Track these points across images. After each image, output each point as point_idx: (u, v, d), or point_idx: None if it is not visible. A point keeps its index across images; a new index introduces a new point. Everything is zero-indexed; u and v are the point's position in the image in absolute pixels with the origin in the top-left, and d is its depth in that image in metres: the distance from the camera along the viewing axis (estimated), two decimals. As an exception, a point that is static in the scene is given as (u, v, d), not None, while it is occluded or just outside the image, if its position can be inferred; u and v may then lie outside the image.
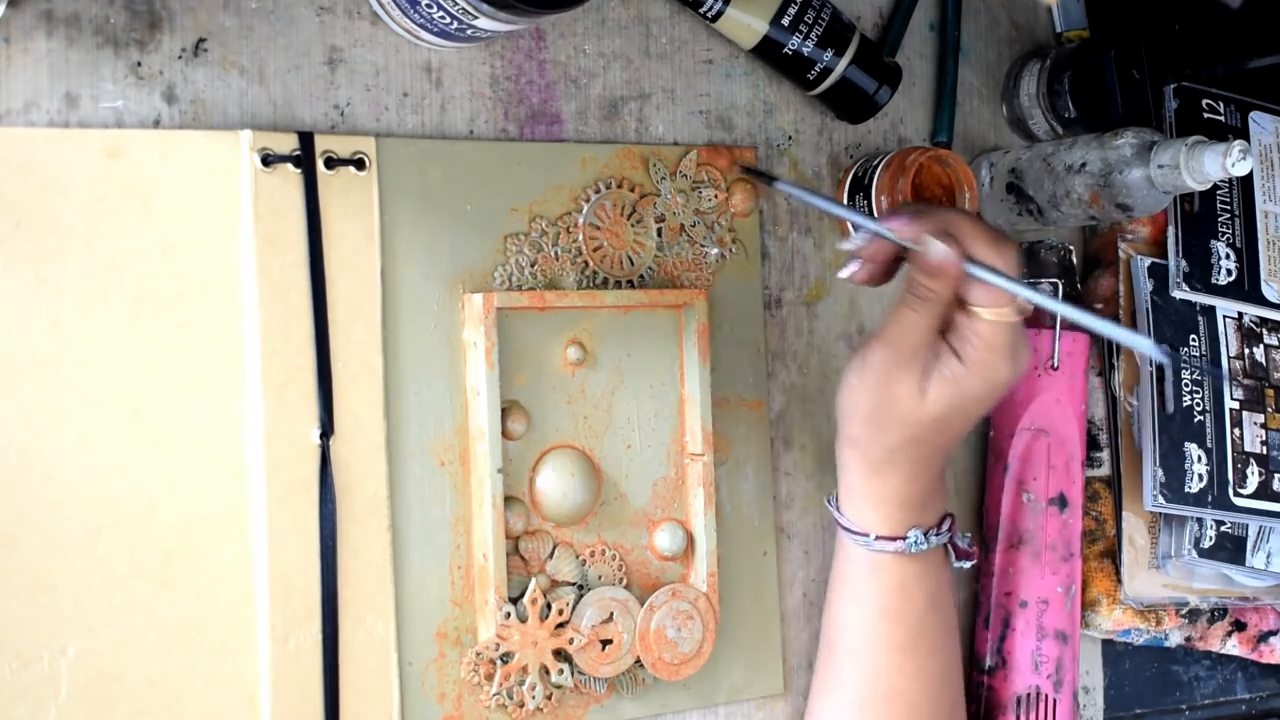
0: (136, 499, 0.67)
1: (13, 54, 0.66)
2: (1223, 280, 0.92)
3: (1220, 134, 0.93)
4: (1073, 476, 0.88)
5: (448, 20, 0.68)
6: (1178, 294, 0.91)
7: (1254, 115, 0.96)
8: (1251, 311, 0.93)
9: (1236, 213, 0.94)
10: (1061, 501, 0.87)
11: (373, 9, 0.73)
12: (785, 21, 0.80)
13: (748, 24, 0.81)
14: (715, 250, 0.82)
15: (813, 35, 0.81)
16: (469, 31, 0.69)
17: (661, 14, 0.82)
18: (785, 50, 0.81)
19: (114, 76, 0.68)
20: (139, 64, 0.69)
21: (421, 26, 0.71)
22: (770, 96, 0.85)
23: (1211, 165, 0.76)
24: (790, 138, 0.86)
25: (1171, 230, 0.92)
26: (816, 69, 0.82)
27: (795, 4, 0.80)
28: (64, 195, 0.66)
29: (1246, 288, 0.93)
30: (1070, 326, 0.88)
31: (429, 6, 0.68)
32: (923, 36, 0.90)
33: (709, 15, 0.81)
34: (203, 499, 0.68)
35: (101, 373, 0.67)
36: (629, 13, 0.81)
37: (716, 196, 0.82)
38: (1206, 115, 0.94)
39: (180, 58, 0.70)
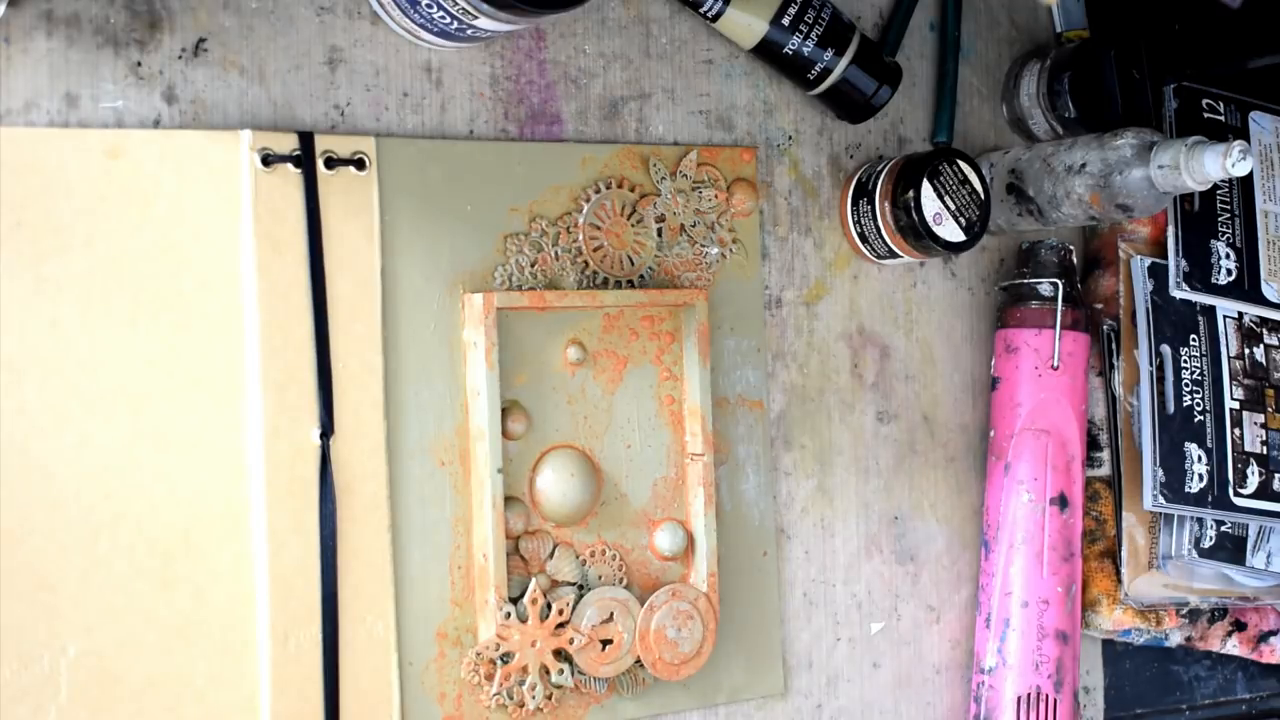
0: (136, 499, 0.67)
1: (13, 54, 0.66)
2: (1223, 280, 0.92)
3: (1220, 134, 0.93)
4: (1073, 476, 0.88)
5: (448, 20, 0.68)
6: (1178, 294, 0.91)
7: (1254, 115, 0.96)
8: (1251, 311, 0.93)
9: (1236, 212, 0.94)
10: (1062, 501, 0.87)
11: (373, 9, 0.73)
12: (785, 21, 0.80)
13: (748, 24, 0.81)
14: (715, 250, 0.82)
15: (813, 35, 0.81)
16: (469, 31, 0.69)
17: (661, 14, 0.82)
18: (785, 50, 0.81)
19: (114, 76, 0.68)
20: (139, 64, 0.69)
21: (421, 26, 0.71)
22: (770, 96, 0.85)
23: (1211, 165, 0.76)
24: (790, 138, 0.86)
25: (1171, 230, 0.92)
26: (816, 69, 0.82)
27: (795, 4, 0.80)
28: (64, 195, 0.66)
29: (1246, 287, 0.93)
30: (1070, 326, 0.88)
31: (429, 6, 0.68)
32: (923, 36, 0.90)
33: (709, 15, 0.81)
34: (203, 499, 0.68)
35: (101, 373, 0.67)
36: (629, 13, 0.81)
37: (716, 196, 0.82)
38: (1206, 115, 0.94)
39: (180, 58, 0.70)
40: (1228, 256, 0.93)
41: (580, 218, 0.78)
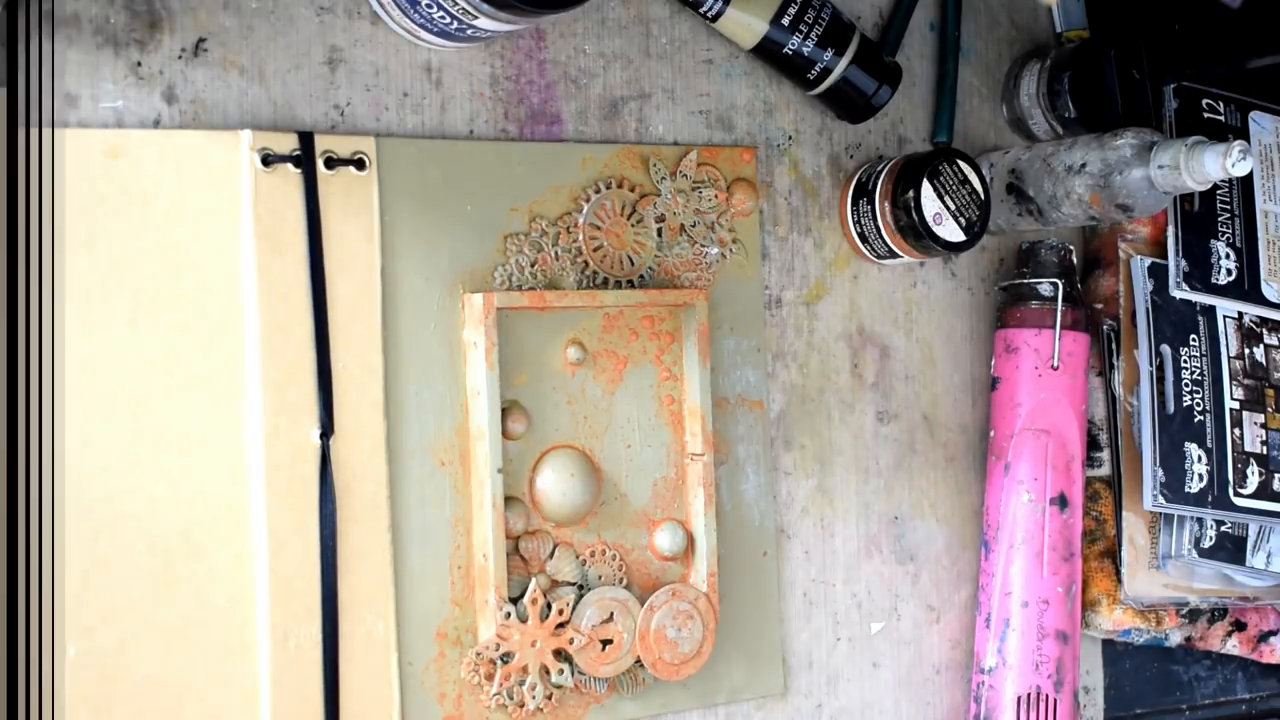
0: (136, 499, 0.67)
1: (13, 54, 0.66)
2: (1223, 280, 0.92)
3: (1220, 134, 0.93)
4: (1073, 476, 0.88)
5: (448, 20, 0.68)
6: (1178, 294, 0.91)
7: (1254, 115, 0.96)
8: (1251, 311, 0.93)
9: (1236, 212, 0.94)
10: (1062, 501, 0.87)
11: (373, 9, 0.73)
12: (785, 21, 0.80)
13: (748, 24, 0.81)
14: (715, 250, 0.82)
15: (813, 35, 0.81)
16: (469, 31, 0.69)
17: (661, 14, 0.82)
18: (785, 50, 0.81)
19: (114, 76, 0.68)
20: (139, 64, 0.69)
21: (421, 26, 0.71)
22: (770, 96, 0.85)
23: (1211, 165, 0.76)
24: (790, 138, 0.86)
25: (1171, 230, 0.92)
26: (816, 69, 0.82)
27: (795, 4, 0.80)
28: (64, 195, 0.66)
29: (1246, 287, 0.93)
30: (1070, 327, 0.88)
31: (429, 6, 0.68)
32: (923, 36, 0.90)
33: (709, 15, 0.81)
34: (203, 499, 0.68)
35: (101, 373, 0.67)
36: (629, 13, 0.81)
37: (716, 196, 0.82)
38: (1206, 115, 0.94)
39: (180, 58, 0.70)
40: (1228, 256, 0.93)
41: (580, 218, 0.78)
